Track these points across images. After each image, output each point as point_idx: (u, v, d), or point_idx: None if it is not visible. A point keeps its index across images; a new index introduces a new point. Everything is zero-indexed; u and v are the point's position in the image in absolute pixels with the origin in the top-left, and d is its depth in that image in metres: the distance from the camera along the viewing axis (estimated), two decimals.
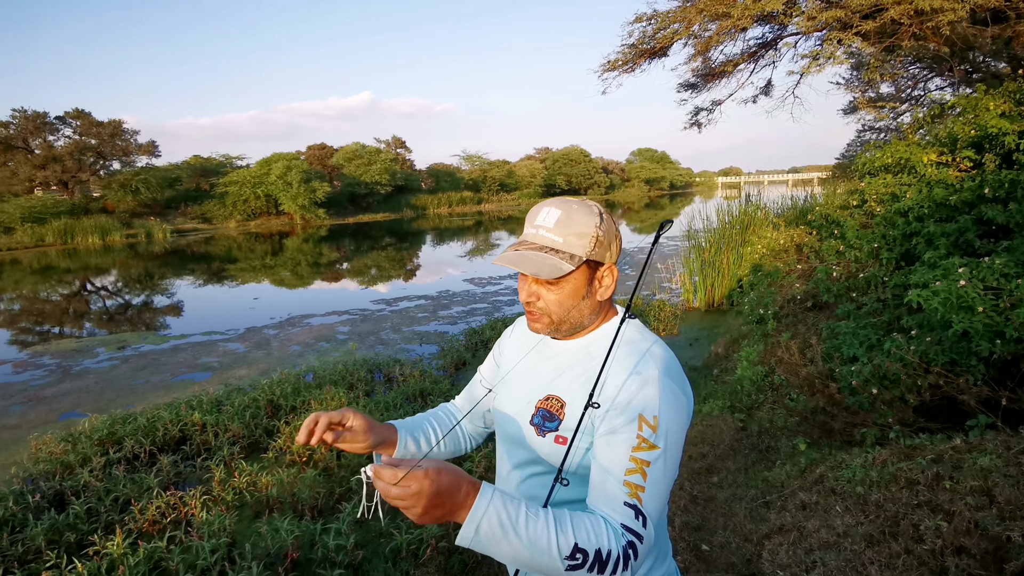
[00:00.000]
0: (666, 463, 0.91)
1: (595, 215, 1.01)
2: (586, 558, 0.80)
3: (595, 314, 1.06)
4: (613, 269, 1.05)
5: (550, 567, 0.81)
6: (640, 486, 0.87)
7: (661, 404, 0.92)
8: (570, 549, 0.80)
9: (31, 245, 24.50)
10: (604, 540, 0.82)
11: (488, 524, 0.80)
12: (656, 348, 1.02)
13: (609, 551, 0.81)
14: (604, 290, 1.05)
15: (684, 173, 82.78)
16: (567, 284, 1.01)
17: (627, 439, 0.90)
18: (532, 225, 1.03)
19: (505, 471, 1.16)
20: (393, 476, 0.78)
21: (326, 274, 16.13)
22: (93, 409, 5.62)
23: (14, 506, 3.42)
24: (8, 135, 29.03)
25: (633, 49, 9.27)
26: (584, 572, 0.81)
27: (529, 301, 1.03)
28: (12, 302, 13.23)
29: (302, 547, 3.06)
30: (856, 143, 16.95)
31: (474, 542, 0.80)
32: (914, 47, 7.23)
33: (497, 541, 0.80)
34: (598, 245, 1.01)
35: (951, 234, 4.04)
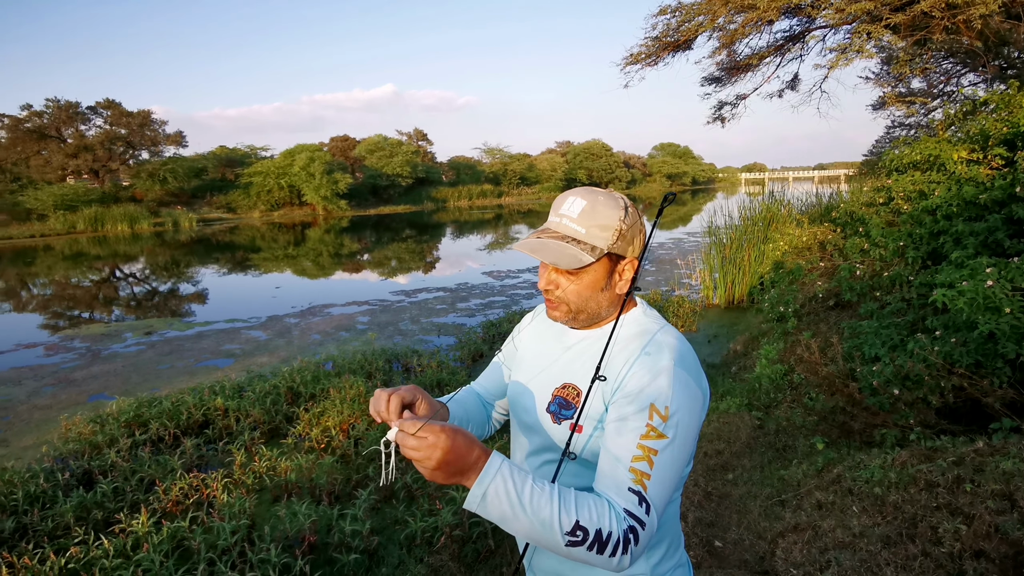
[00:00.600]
0: (674, 453, 0.91)
1: (620, 208, 1.01)
2: (586, 536, 0.82)
3: (613, 306, 1.06)
4: (634, 263, 1.05)
5: (551, 540, 0.82)
6: (646, 473, 0.87)
7: (673, 394, 0.92)
8: (571, 525, 0.82)
9: (63, 232, 25.15)
10: (606, 521, 0.83)
11: (495, 490, 0.82)
12: (671, 338, 1.02)
13: (610, 533, 0.82)
14: (624, 283, 1.05)
15: (707, 169, 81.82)
16: (586, 275, 1.01)
17: (636, 427, 0.90)
18: (557, 213, 1.03)
19: (520, 457, 1.18)
20: (413, 426, 0.82)
21: (347, 265, 16.29)
22: (120, 392, 5.77)
23: (45, 483, 3.54)
24: (42, 124, 29.78)
25: (657, 42, 9.17)
26: (583, 550, 0.82)
27: (548, 289, 1.04)
28: (45, 287, 13.61)
29: (319, 531, 3.12)
30: (885, 139, 16.56)
31: (480, 507, 0.83)
32: (946, 41, 7.04)
33: (502, 508, 0.82)
34: (621, 238, 1.00)
35: (980, 233, 3.95)
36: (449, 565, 2.72)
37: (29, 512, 3.28)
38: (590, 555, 0.82)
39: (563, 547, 0.82)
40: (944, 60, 10.96)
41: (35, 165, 29.32)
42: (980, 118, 5.36)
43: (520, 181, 50.91)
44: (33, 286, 13.80)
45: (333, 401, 4.63)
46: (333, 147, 44.86)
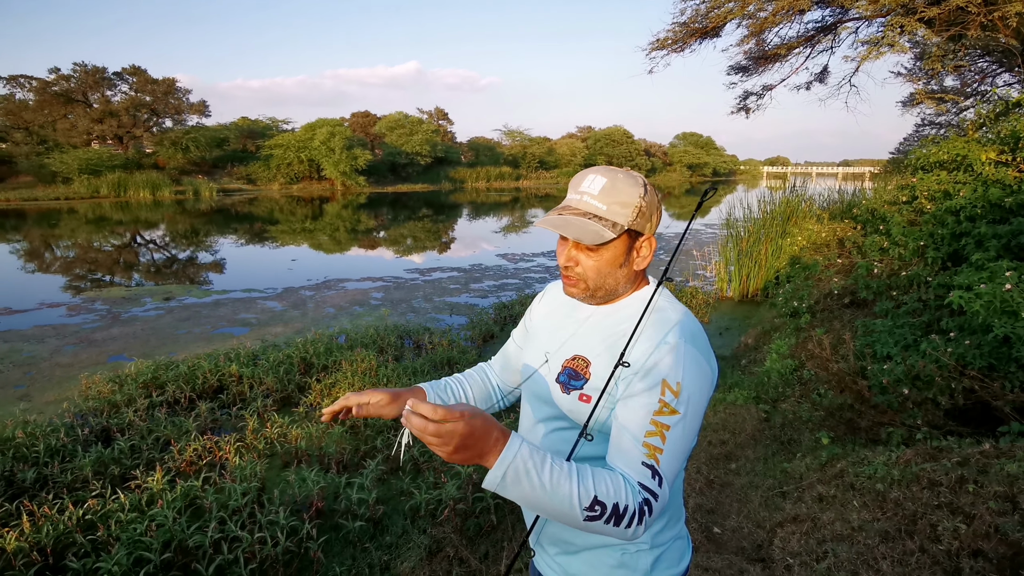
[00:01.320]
0: (685, 428, 0.94)
1: (639, 185, 1.03)
2: (604, 510, 0.84)
3: (630, 283, 1.09)
4: (652, 240, 1.07)
5: (569, 516, 0.85)
6: (659, 448, 0.90)
7: (685, 371, 0.95)
8: (590, 500, 0.84)
9: (86, 196, 25.54)
10: (622, 495, 0.86)
11: (514, 471, 0.84)
12: (684, 317, 1.05)
13: (626, 506, 0.85)
14: (641, 260, 1.07)
15: (729, 160, 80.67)
16: (606, 252, 1.03)
17: (648, 402, 0.93)
18: (576, 191, 1.04)
19: (528, 424, 1.21)
20: (432, 411, 0.81)
21: (363, 241, 16.39)
22: (139, 354, 5.91)
23: (65, 437, 3.66)
24: (69, 88, 30.10)
25: (684, 28, 9.02)
26: (600, 523, 0.85)
27: (568, 265, 1.06)
28: (68, 249, 13.88)
29: (327, 498, 3.20)
30: (914, 137, 16.22)
31: (500, 486, 0.84)
32: (981, 38, 6.85)
33: (521, 487, 0.84)
34: (640, 215, 1.02)
35: (1003, 236, 3.89)
36: (451, 537, 2.79)
37: (49, 464, 3.40)
38: (607, 527, 0.85)
39: (581, 522, 0.85)
40: (979, 58, 10.67)
41: (61, 129, 29.71)
42: (1012, 119, 5.23)
43: (539, 165, 50.63)
44: (57, 248, 14.07)
45: (345, 373, 4.70)
46: (354, 123, 44.89)
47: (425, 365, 5.16)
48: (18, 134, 29.46)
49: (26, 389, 5.09)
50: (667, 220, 23.26)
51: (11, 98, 29.80)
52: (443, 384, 1.32)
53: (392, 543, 2.87)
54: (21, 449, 3.49)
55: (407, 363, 5.27)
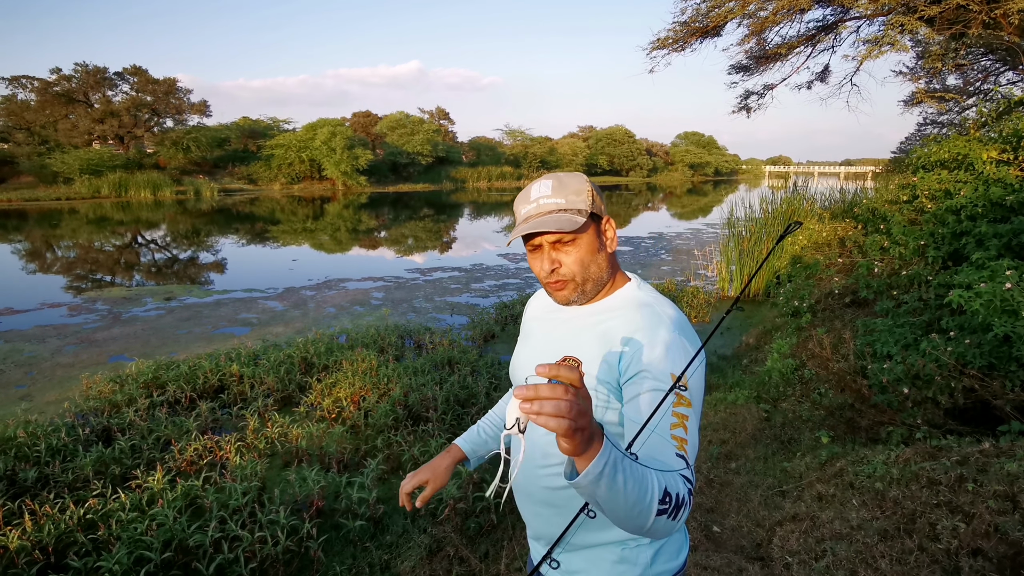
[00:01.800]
0: (697, 417, 0.96)
1: (582, 177, 1.10)
2: (670, 503, 0.80)
3: (611, 267, 1.12)
4: (611, 221, 1.12)
5: (642, 513, 0.78)
6: (684, 439, 0.91)
7: (685, 363, 0.98)
8: (662, 492, 0.80)
9: (87, 196, 25.58)
10: (679, 486, 0.83)
11: (612, 462, 0.74)
12: (669, 309, 1.08)
13: (681, 497, 0.83)
14: (611, 242, 1.12)
15: (730, 160, 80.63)
16: (583, 240, 1.07)
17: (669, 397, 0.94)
18: (529, 201, 1.09)
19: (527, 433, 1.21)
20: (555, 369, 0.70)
21: (364, 241, 16.40)
22: (140, 354, 5.92)
23: (66, 437, 3.66)
24: (70, 88, 30.16)
25: (684, 27, 9.01)
26: (665, 519, 0.80)
27: (553, 269, 1.08)
28: (69, 249, 13.90)
29: (327, 497, 3.21)
30: (916, 136, 16.19)
31: (599, 476, 0.73)
32: (984, 36, 6.83)
33: (616, 481, 0.74)
34: (594, 199, 1.08)
35: (1004, 235, 3.88)
36: (452, 537, 2.79)
37: (51, 464, 3.41)
38: (666, 523, 0.80)
39: (652, 518, 0.78)
40: (982, 56, 10.65)
41: (62, 129, 29.76)
42: (1014, 118, 5.23)
43: (540, 165, 50.62)
44: (58, 248, 14.10)
45: (345, 373, 4.71)
46: (355, 123, 44.92)
47: (426, 365, 5.16)
48: (20, 134, 29.52)
49: (27, 389, 5.10)
50: (668, 220, 23.26)
51: (13, 98, 29.87)
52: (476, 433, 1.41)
53: (392, 542, 2.88)
54: (23, 449, 3.50)
55: (408, 363, 5.27)
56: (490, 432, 1.41)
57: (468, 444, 1.38)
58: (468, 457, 1.38)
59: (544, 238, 1.07)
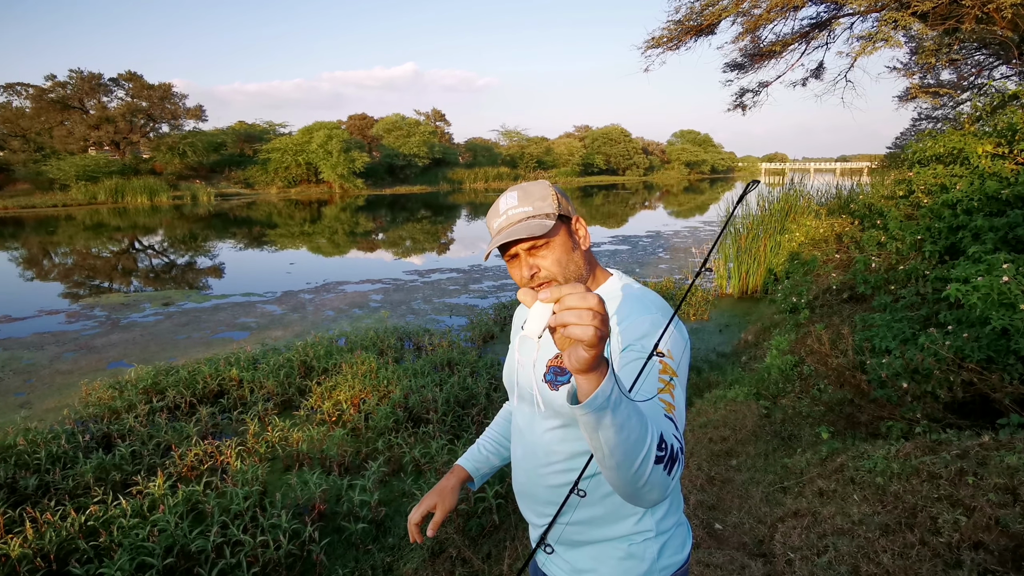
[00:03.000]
0: (682, 388, 0.98)
1: (545, 183, 1.14)
2: (666, 450, 0.79)
3: (589, 264, 1.17)
4: (581, 220, 1.17)
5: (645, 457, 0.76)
6: (671, 404, 0.92)
7: (670, 340, 1.01)
8: (658, 438, 0.78)
9: (84, 202, 25.53)
10: (672, 439, 0.82)
11: (617, 391, 0.73)
12: (651, 295, 1.14)
13: (675, 449, 0.81)
14: (584, 239, 1.16)
15: (727, 157, 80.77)
16: (556, 242, 1.10)
17: (653, 363, 0.96)
18: (499, 214, 1.12)
19: (522, 427, 1.23)
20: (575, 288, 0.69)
21: (362, 243, 16.39)
22: (139, 360, 5.91)
23: (66, 444, 3.66)
24: (65, 95, 30.11)
25: (679, 26, 9.02)
26: (660, 468, 0.78)
27: (533, 274, 1.10)
28: (66, 256, 13.87)
29: (329, 500, 3.21)
30: (910, 132, 16.23)
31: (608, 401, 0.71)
32: (977, 31, 6.85)
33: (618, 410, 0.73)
34: (560, 202, 1.11)
35: (1000, 229, 3.90)
36: (454, 538, 2.79)
37: (51, 471, 3.40)
38: (662, 475, 0.78)
39: (651, 465, 0.76)
40: (976, 51, 10.67)
41: (58, 135, 29.70)
42: (1009, 111, 5.24)
43: (537, 165, 50.63)
44: (55, 255, 14.07)
45: (345, 376, 4.71)
46: (351, 125, 44.89)
47: (425, 366, 5.16)
48: (15, 141, 29.46)
49: (26, 396, 5.09)
50: (665, 218, 23.28)
51: (8, 106, 29.81)
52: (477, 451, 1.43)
53: (394, 544, 2.88)
54: (23, 456, 3.50)
55: (407, 365, 5.27)
56: (491, 448, 1.42)
57: (471, 463, 1.40)
58: (472, 476, 1.40)
59: (519, 247, 1.09)
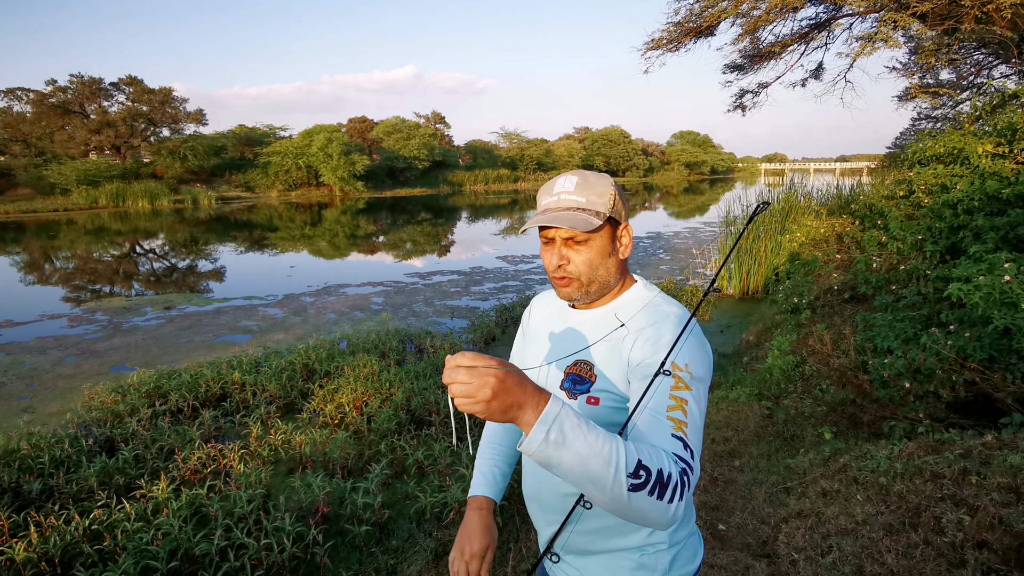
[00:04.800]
0: (699, 405, 0.94)
1: (608, 179, 1.10)
2: (648, 477, 0.77)
3: (619, 273, 1.12)
4: (629, 228, 1.13)
5: (612, 488, 0.76)
6: (683, 421, 0.89)
7: (689, 355, 0.97)
8: (635, 465, 0.77)
9: (85, 206, 25.55)
10: (664, 463, 0.80)
11: (559, 429, 0.76)
12: (674, 307, 1.09)
13: (669, 474, 0.79)
14: (624, 248, 1.12)
15: (726, 158, 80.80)
16: (595, 242, 1.07)
17: (666, 380, 0.94)
18: (551, 194, 1.09)
19: None
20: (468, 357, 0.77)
21: (362, 246, 16.40)
22: (141, 364, 5.92)
23: (69, 448, 3.66)
24: (66, 99, 30.16)
25: (678, 27, 9.04)
26: (644, 495, 0.77)
27: (560, 265, 1.08)
28: (67, 260, 13.89)
29: (332, 503, 3.21)
30: (910, 132, 16.22)
31: (540, 448, 0.75)
32: (976, 31, 6.86)
33: (565, 450, 0.75)
34: (616, 204, 1.08)
35: (1001, 228, 3.90)
36: None
37: (55, 475, 3.40)
38: (649, 501, 0.77)
39: (625, 493, 0.76)
40: (975, 51, 10.68)
41: (59, 140, 29.74)
42: (1009, 111, 5.24)
43: (537, 166, 50.67)
44: (56, 259, 14.09)
45: (347, 379, 4.71)
46: (351, 128, 44.92)
47: (427, 369, 5.16)
48: (16, 146, 29.48)
49: (29, 401, 5.10)
50: (665, 219, 23.29)
51: (9, 111, 29.85)
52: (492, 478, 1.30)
53: (398, 547, 2.88)
54: (26, 461, 3.50)
55: (409, 367, 5.28)
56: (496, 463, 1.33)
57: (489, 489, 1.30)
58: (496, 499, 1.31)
59: (558, 233, 1.07)
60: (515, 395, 0.76)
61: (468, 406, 0.75)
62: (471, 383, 0.75)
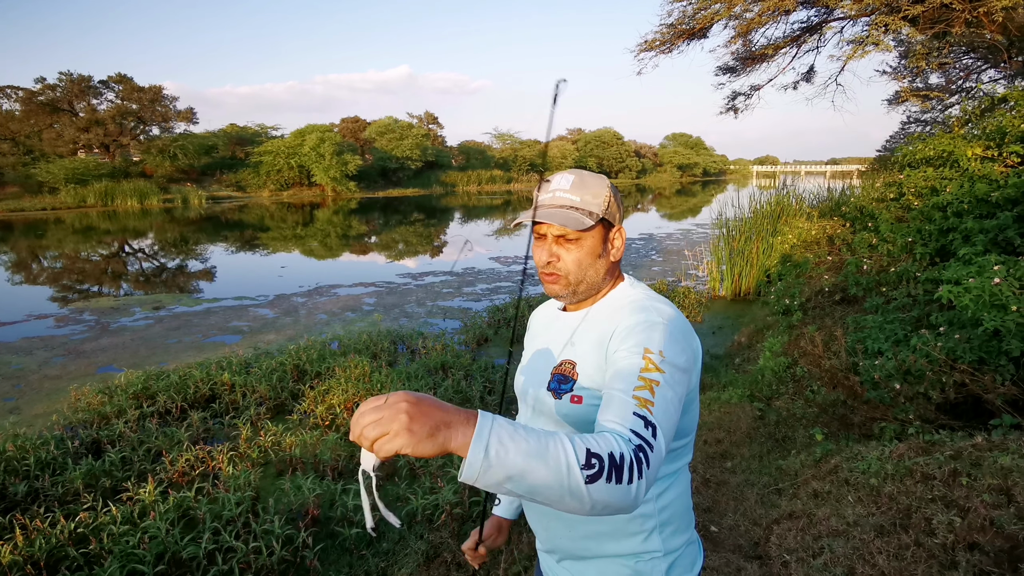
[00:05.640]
0: (673, 390, 0.91)
1: (605, 181, 1.10)
2: (601, 464, 0.74)
3: (609, 275, 1.12)
4: (622, 231, 1.12)
5: (570, 486, 0.73)
6: (649, 400, 0.86)
7: (665, 342, 0.95)
8: (584, 456, 0.74)
9: (73, 205, 25.31)
10: (615, 445, 0.77)
11: (498, 443, 0.71)
12: (659, 303, 1.07)
13: (621, 454, 0.76)
14: (616, 251, 1.12)
15: (718, 160, 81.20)
16: (586, 242, 1.07)
17: (635, 362, 0.91)
18: (547, 191, 1.08)
19: None
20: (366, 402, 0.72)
21: (354, 246, 16.34)
22: (129, 364, 5.86)
23: (55, 450, 3.62)
24: (55, 97, 29.87)
25: (671, 29, 9.06)
26: (602, 483, 0.74)
27: (550, 262, 1.08)
28: (55, 260, 13.74)
29: (322, 505, 3.18)
30: (900, 135, 16.39)
31: (484, 467, 0.70)
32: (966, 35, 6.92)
33: (512, 461, 0.71)
34: (610, 205, 1.08)
35: (990, 231, 3.93)
36: (448, 542, 2.78)
37: (40, 477, 3.36)
38: (609, 488, 0.74)
39: (583, 487, 0.73)
40: (964, 55, 10.79)
41: (47, 138, 29.45)
42: (998, 114, 5.29)
43: (530, 167, 50.70)
44: (44, 258, 13.93)
45: (338, 380, 4.68)
46: (344, 128, 44.75)
47: (419, 370, 5.14)
48: (4, 144, 29.17)
49: (15, 402, 5.03)
50: (657, 220, 23.36)
51: None
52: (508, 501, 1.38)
53: (389, 549, 2.86)
54: (12, 463, 3.45)
55: (401, 368, 5.25)
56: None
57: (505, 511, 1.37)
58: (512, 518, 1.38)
59: (549, 229, 1.07)
60: (436, 414, 0.71)
61: (389, 442, 0.69)
62: (382, 416, 0.69)
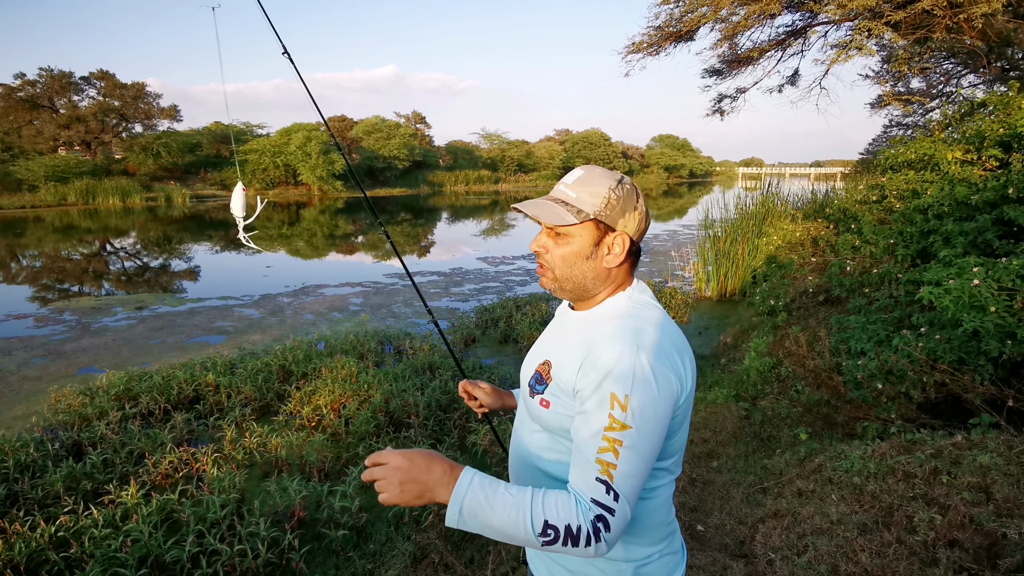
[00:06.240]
0: (640, 443, 0.90)
1: (614, 179, 1.03)
2: (557, 534, 0.87)
3: (601, 281, 1.05)
4: (625, 238, 1.03)
5: (528, 542, 0.88)
6: (612, 464, 0.88)
7: (634, 385, 0.90)
8: (541, 526, 0.87)
9: (54, 204, 24.89)
10: (573, 516, 0.88)
11: (471, 504, 0.89)
12: (641, 323, 0.99)
13: (579, 526, 0.87)
14: (612, 257, 1.03)
15: (704, 162, 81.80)
16: (574, 240, 1.03)
17: (600, 420, 0.90)
18: (559, 184, 1.08)
19: (516, 426, 1.21)
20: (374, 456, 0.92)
21: (341, 246, 16.24)
22: (110, 365, 5.77)
23: (35, 453, 3.55)
24: (35, 93, 29.37)
25: (659, 31, 9.13)
26: (559, 545, 0.87)
27: (538, 252, 1.08)
28: (34, 259, 13.50)
29: (308, 507, 3.16)
30: (882, 138, 16.62)
31: (460, 521, 0.89)
32: (947, 40, 7.04)
33: (480, 520, 0.89)
34: (609, 207, 1.01)
35: (969, 233, 3.99)
36: (436, 543, 2.77)
37: (20, 480, 3.30)
38: (567, 549, 0.87)
39: (540, 546, 0.88)
40: (945, 60, 10.97)
41: (27, 135, 28.93)
42: (977, 119, 5.39)
43: (517, 168, 50.73)
44: (23, 257, 13.69)
45: (325, 380, 4.65)
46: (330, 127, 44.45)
47: (407, 370, 5.12)
48: None
49: None
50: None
51: None
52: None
53: (376, 551, 2.84)
54: None
55: (388, 369, 5.23)
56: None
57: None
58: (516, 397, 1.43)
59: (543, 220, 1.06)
60: (421, 483, 0.91)
61: (385, 499, 0.90)
62: (383, 479, 0.91)
